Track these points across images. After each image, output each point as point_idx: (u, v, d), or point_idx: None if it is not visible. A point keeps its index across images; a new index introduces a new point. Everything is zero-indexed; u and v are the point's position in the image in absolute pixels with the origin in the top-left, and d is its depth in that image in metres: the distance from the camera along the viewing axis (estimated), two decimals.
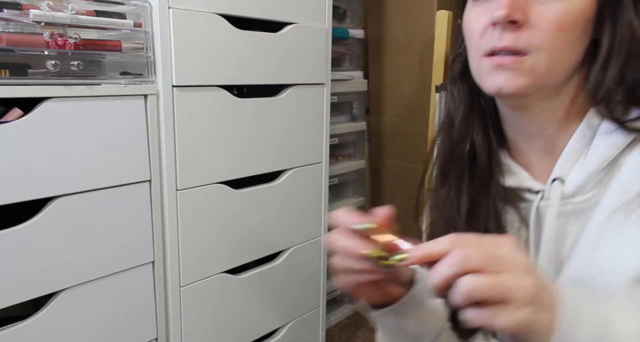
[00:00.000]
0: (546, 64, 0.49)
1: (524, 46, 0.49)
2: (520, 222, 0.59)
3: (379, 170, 1.74)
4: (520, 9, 0.48)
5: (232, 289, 1.06)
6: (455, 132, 0.60)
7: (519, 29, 0.48)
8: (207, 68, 0.94)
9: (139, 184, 0.87)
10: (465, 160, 0.59)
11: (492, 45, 0.50)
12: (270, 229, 1.13)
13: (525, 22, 0.48)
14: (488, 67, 0.51)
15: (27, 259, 0.74)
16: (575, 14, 0.48)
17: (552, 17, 0.48)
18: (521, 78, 0.49)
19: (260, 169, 1.09)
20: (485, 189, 0.59)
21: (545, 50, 0.48)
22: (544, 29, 0.48)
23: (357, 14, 1.61)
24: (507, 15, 0.47)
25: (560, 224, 0.53)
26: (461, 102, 0.60)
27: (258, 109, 1.05)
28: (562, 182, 0.53)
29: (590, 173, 0.51)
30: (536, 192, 0.56)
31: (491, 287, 0.37)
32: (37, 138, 0.73)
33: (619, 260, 0.49)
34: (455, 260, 0.38)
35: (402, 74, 1.61)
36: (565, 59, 0.50)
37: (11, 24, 0.70)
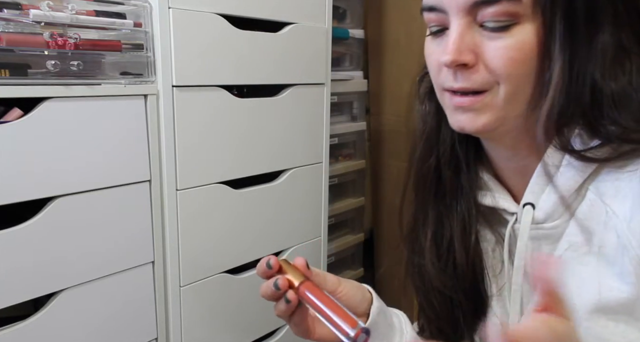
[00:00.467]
0: (504, 98, 0.48)
1: (480, 86, 0.48)
2: (497, 240, 0.59)
3: (379, 170, 1.74)
4: (468, 49, 0.47)
5: (232, 289, 1.06)
6: (419, 151, 0.60)
7: (472, 69, 0.48)
8: (207, 68, 0.94)
9: (139, 184, 0.87)
10: (430, 179, 0.59)
11: (449, 85, 0.50)
12: (270, 229, 1.13)
13: (477, 61, 0.47)
14: (449, 104, 0.51)
15: (27, 259, 0.74)
16: (526, 48, 0.46)
17: (502, 53, 0.46)
18: (482, 117, 0.49)
19: (260, 169, 1.09)
20: (453, 207, 0.59)
21: (502, 86, 0.47)
22: (497, 66, 0.47)
23: (357, 14, 1.61)
24: (453, 61, 0.47)
25: (533, 247, 0.53)
26: (427, 122, 0.60)
27: (258, 109, 1.05)
28: (534, 208, 0.52)
29: (557, 200, 0.50)
30: (512, 213, 0.55)
31: None
32: (37, 138, 0.73)
33: (578, 292, 0.48)
34: None
35: (402, 74, 1.60)
36: (524, 91, 0.48)
37: (11, 24, 0.70)
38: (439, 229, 0.60)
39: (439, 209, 0.60)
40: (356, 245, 1.68)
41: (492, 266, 0.59)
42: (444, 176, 0.59)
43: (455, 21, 0.47)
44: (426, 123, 0.60)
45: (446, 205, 0.59)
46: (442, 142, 0.59)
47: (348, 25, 1.57)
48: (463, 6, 0.47)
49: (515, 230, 0.55)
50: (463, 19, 0.47)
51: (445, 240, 0.59)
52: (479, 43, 0.47)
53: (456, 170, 0.59)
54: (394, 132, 1.67)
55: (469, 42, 0.47)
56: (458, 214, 0.59)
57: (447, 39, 0.48)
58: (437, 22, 0.50)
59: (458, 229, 0.59)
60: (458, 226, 0.59)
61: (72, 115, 0.76)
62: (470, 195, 0.58)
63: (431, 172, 0.59)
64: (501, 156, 0.56)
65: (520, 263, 0.53)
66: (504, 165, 0.57)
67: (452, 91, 0.50)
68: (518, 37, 0.46)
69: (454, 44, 0.47)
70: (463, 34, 0.47)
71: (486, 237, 0.60)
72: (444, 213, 0.60)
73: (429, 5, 0.50)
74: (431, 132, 0.59)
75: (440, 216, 0.60)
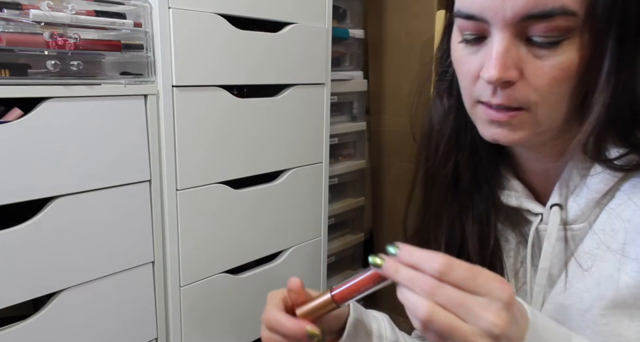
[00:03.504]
0: (544, 116, 0.46)
1: (521, 102, 0.45)
2: (518, 240, 0.57)
3: (379, 170, 1.74)
4: (512, 65, 0.44)
5: (232, 289, 1.06)
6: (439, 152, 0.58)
7: (514, 86, 0.45)
8: (207, 68, 0.94)
9: (139, 184, 0.87)
10: (448, 181, 0.57)
11: (486, 100, 0.47)
12: (270, 229, 1.13)
13: (520, 78, 0.45)
14: (482, 117, 0.49)
15: (27, 259, 0.74)
16: (572, 66, 0.44)
17: (547, 71, 0.44)
18: (518, 132, 0.47)
19: (260, 169, 1.09)
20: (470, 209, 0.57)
21: (543, 104, 0.45)
22: (540, 85, 0.44)
23: (357, 14, 1.61)
24: (498, 79, 0.44)
25: (559, 248, 0.52)
26: (446, 122, 0.57)
27: (258, 109, 1.05)
28: (561, 208, 0.51)
29: (589, 201, 0.49)
30: (536, 213, 0.54)
31: (445, 329, 0.37)
32: (37, 138, 0.73)
33: (597, 287, 0.48)
34: (425, 289, 0.37)
35: (402, 74, 1.61)
36: (564, 108, 0.46)
37: (11, 24, 0.70)
38: (452, 233, 0.58)
39: (455, 212, 0.58)
40: (356, 245, 1.68)
41: (512, 265, 0.58)
42: (462, 178, 0.57)
43: (500, 34, 0.44)
44: (446, 124, 0.57)
45: (462, 208, 0.58)
46: (463, 144, 0.56)
47: (348, 25, 1.57)
48: (512, 20, 0.43)
49: (539, 231, 0.54)
50: (509, 32, 0.44)
51: (456, 243, 0.58)
52: (523, 58, 0.44)
53: (476, 170, 0.57)
54: (394, 132, 1.67)
55: (513, 57, 0.44)
56: (475, 216, 0.57)
57: (488, 50, 0.45)
58: (475, 30, 0.46)
59: (474, 232, 0.57)
60: (475, 229, 0.57)
61: (72, 115, 0.76)
62: (490, 195, 0.57)
63: (450, 174, 0.57)
64: (528, 158, 0.55)
65: (545, 265, 0.52)
66: (530, 166, 0.56)
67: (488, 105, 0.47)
68: (566, 55, 0.43)
69: (500, 59, 0.44)
70: (509, 48, 0.44)
71: (507, 238, 0.58)
72: (459, 216, 0.58)
73: (467, 14, 0.46)
74: (451, 134, 0.57)
75: (455, 219, 0.58)
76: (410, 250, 0.40)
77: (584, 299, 0.49)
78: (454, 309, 0.37)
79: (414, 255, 0.40)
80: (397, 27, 1.60)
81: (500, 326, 0.36)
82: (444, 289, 0.37)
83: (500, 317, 0.36)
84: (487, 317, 0.36)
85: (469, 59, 0.48)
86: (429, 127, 0.59)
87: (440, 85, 0.58)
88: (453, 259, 0.39)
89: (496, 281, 0.38)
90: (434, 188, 0.59)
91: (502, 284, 0.38)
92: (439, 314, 0.37)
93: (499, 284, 0.38)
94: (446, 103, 0.57)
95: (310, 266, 1.28)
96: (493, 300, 0.37)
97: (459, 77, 0.51)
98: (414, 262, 0.39)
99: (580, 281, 0.50)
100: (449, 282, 0.38)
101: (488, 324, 0.36)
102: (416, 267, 0.39)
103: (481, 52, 0.47)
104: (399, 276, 0.39)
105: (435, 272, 0.38)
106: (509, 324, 0.37)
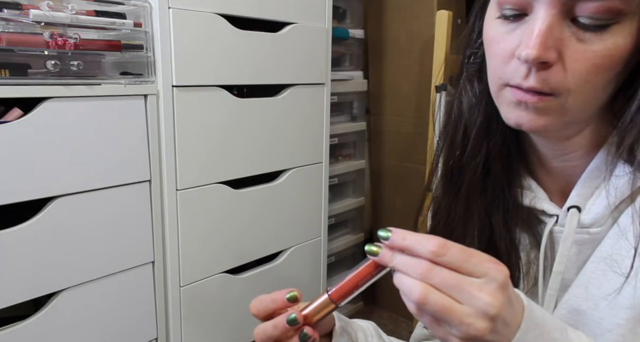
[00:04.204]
0: (575, 106, 0.43)
1: (553, 88, 0.42)
2: (531, 242, 0.55)
3: (379, 170, 1.74)
4: (553, 45, 0.41)
5: (232, 289, 1.06)
6: (469, 141, 0.54)
7: (550, 69, 0.42)
8: (207, 68, 0.94)
9: (139, 184, 0.87)
10: (479, 173, 0.54)
11: (517, 83, 0.44)
12: (270, 229, 1.13)
13: (558, 61, 0.41)
14: (509, 99, 0.45)
15: (27, 259, 0.74)
16: (617, 54, 0.41)
17: (589, 57, 0.41)
18: (544, 118, 0.44)
19: (260, 169, 1.09)
20: (496, 205, 0.54)
21: (576, 93, 0.42)
22: (578, 71, 0.41)
23: (357, 14, 1.61)
24: (537, 57, 0.40)
25: (574, 251, 0.50)
26: (478, 107, 0.53)
27: (258, 109, 1.05)
28: (579, 211, 0.49)
29: (609, 206, 0.47)
30: (550, 215, 0.52)
31: (440, 310, 0.36)
32: (37, 138, 0.73)
33: (614, 296, 0.46)
34: (420, 271, 0.37)
35: (402, 74, 1.61)
36: (598, 99, 0.44)
37: (11, 24, 0.70)
38: (483, 227, 0.55)
39: (485, 204, 0.55)
40: (356, 245, 1.68)
41: (523, 266, 0.56)
42: (493, 170, 0.54)
43: (546, 10, 0.41)
44: (477, 112, 0.53)
45: (493, 199, 0.55)
46: (495, 131, 0.53)
47: (348, 25, 1.58)
48: None
49: (554, 233, 0.52)
50: (556, 9, 0.40)
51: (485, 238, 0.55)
52: (565, 41, 0.41)
53: (507, 161, 0.54)
54: (394, 132, 1.67)
55: (556, 37, 0.41)
56: (501, 212, 0.55)
57: (529, 28, 0.42)
58: (517, 5, 0.43)
59: (502, 228, 0.55)
60: (502, 224, 0.55)
61: (72, 115, 0.76)
62: (511, 193, 0.55)
63: (480, 165, 0.54)
64: (547, 154, 0.52)
65: (559, 268, 0.50)
66: (549, 164, 0.53)
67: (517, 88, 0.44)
68: (612, 41, 0.40)
69: (541, 37, 0.40)
70: (552, 27, 0.40)
71: (519, 238, 0.56)
72: (490, 208, 0.55)
73: None
74: (482, 123, 0.53)
75: (485, 213, 0.55)
76: (403, 233, 0.40)
77: (600, 305, 0.47)
78: (448, 291, 0.36)
79: (407, 238, 0.39)
80: (397, 27, 1.60)
81: (496, 306, 0.36)
82: (438, 271, 0.37)
83: (496, 297, 0.36)
84: (483, 298, 0.36)
85: (505, 37, 0.45)
86: (457, 114, 0.55)
87: (470, 68, 0.54)
88: (447, 241, 0.38)
89: (491, 262, 0.37)
90: (462, 179, 0.56)
91: (496, 265, 0.37)
92: (433, 295, 0.36)
93: (493, 264, 0.37)
94: (477, 88, 0.54)
95: (310, 266, 1.28)
96: (488, 281, 0.36)
97: (489, 57, 0.48)
98: (408, 245, 0.39)
99: (596, 286, 0.48)
100: (443, 263, 0.37)
101: (483, 304, 0.36)
102: (410, 250, 0.39)
103: (519, 30, 0.44)
104: (394, 262, 0.39)
105: (429, 254, 0.37)
106: (505, 305, 0.36)
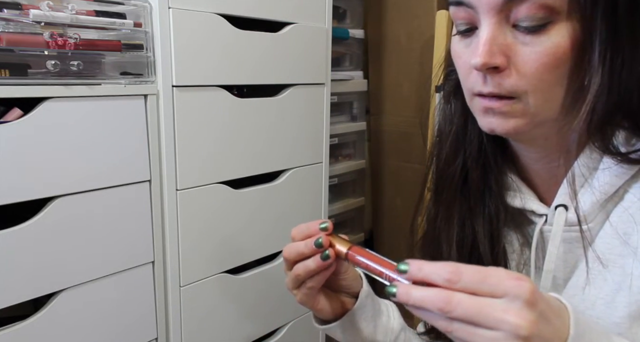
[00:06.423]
0: (536, 104, 0.45)
1: (510, 91, 0.45)
2: (521, 242, 0.57)
3: (379, 170, 1.74)
4: (500, 51, 0.44)
5: (232, 289, 1.06)
6: (445, 151, 0.58)
7: (502, 73, 0.45)
8: (207, 68, 0.94)
9: (139, 184, 0.87)
10: (456, 180, 0.57)
11: (478, 90, 0.47)
12: (270, 229, 1.13)
13: (508, 65, 0.45)
14: (478, 107, 0.49)
15: (27, 259, 0.74)
16: (560, 52, 0.43)
17: (535, 58, 0.44)
18: (512, 121, 0.47)
19: (260, 169, 1.09)
20: (479, 210, 0.56)
21: (534, 92, 0.45)
22: (529, 72, 0.44)
23: (357, 14, 1.61)
24: (484, 64, 0.44)
25: (564, 249, 0.51)
26: (452, 121, 0.57)
27: (258, 109, 1.05)
28: (567, 209, 0.50)
29: (594, 202, 0.48)
30: (540, 214, 0.53)
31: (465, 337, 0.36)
32: (37, 138, 0.73)
33: (612, 295, 0.47)
34: (439, 306, 0.36)
35: (402, 74, 1.61)
36: (556, 95, 0.46)
37: (11, 24, 0.70)
38: (464, 233, 0.57)
39: (464, 212, 0.57)
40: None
41: (514, 268, 0.57)
42: (470, 177, 0.56)
43: (486, 20, 0.44)
44: (452, 123, 0.57)
45: (472, 207, 0.57)
46: (469, 143, 0.56)
47: (348, 25, 1.58)
48: (494, 3, 0.43)
49: (544, 232, 0.53)
50: (494, 18, 0.44)
51: (468, 244, 0.57)
52: (511, 45, 0.44)
53: (484, 170, 0.56)
54: (394, 132, 1.67)
55: (501, 43, 0.44)
56: (485, 216, 0.56)
57: (477, 39, 0.46)
58: (465, 19, 0.47)
59: (485, 232, 0.56)
60: (485, 228, 0.56)
61: (72, 115, 0.76)
62: (498, 196, 0.56)
63: (458, 173, 0.57)
64: (531, 157, 0.54)
65: (550, 266, 0.51)
66: (533, 166, 0.55)
67: (482, 95, 0.47)
68: (553, 40, 0.43)
69: (485, 45, 0.44)
70: (495, 35, 0.44)
71: (510, 240, 0.58)
72: (469, 216, 0.57)
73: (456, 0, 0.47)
74: (458, 132, 0.57)
75: (465, 219, 0.57)
76: (420, 264, 0.39)
77: (597, 305, 0.48)
78: (473, 320, 0.35)
79: (424, 268, 0.39)
80: (397, 27, 1.60)
81: (525, 326, 0.34)
82: (457, 301, 0.36)
83: (523, 317, 0.34)
84: (509, 320, 0.34)
85: (465, 51, 0.48)
86: (439, 127, 0.59)
87: (448, 84, 0.58)
88: (460, 265, 0.37)
89: (510, 279, 0.36)
90: (443, 187, 0.59)
91: (517, 281, 0.36)
92: (459, 332, 0.36)
93: (514, 281, 0.36)
94: (452, 102, 0.57)
95: None
96: (511, 300, 0.35)
97: (458, 71, 0.51)
98: (424, 276, 0.38)
99: (591, 286, 0.49)
100: (460, 289, 0.36)
101: (512, 328, 0.34)
102: (427, 281, 0.38)
103: (473, 42, 0.47)
104: (412, 301, 0.38)
105: (445, 283, 0.37)
106: (536, 323, 0.34)
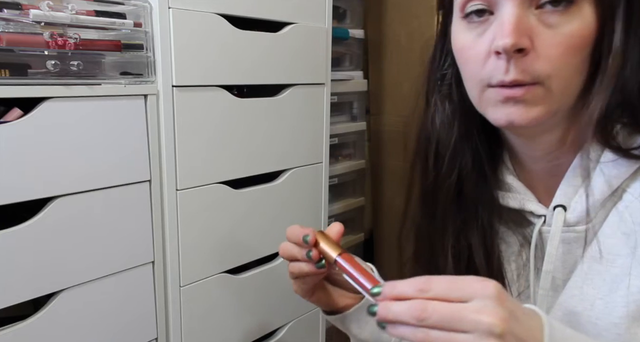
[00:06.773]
0: (559, 89, 0.44)
1: (534, 76, 0.44)
2: (521, 243, 0.56)
3: (379, 170, 1.74)
4: (525, 33, 0.43)
5: (232, 289, 1.06)
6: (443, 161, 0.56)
7: (526, 58, 0.43)
8: (207, 68, 0.94)
9: (139, 184, 0.87)
10: (452, 194, 0.56)
11: (499, 80, 0.45)
12: (270, 229, 1.13)
13: (532, 48, 0.43)
14: (495, 99, 0.46)
15: (27, 259, 0.74)
16: (585, 35, 0.43)
17: (560, 41, 0.43)
18: (534, 109, 0.45)
19: (260, 169, 1.09)
20: (473, 217, 0.56)
21: (558, 77, 0.44)
22: (554, 56, 0.43)
23: (357, 14, 1.61)
24: (513, 45, 0.42)
25: (562, 250, 0.51)
26: (451, 128, 0.55)
27: (258, 109, 1.05)
28: (565, 210, 0.50)
29: (593, 203, 0.48)
30: (538, 215, 0.53)
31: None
32: (37, 138, 0.73)
33: (609, 294, 0.47)
34: (415, 315, 0.37)
35: (402, 74, 1.61)
36: (576, 81, 0.45)
37: (11, 24, 0.70)
38: (459, 245, 0.57)
39: (459, 223, 0.57)
40: (356, 245, 1.68)
41: (514, 269, 0.57)
42: (466, 187, 0.56)
43: (511, 2, 0.43)
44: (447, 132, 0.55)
45: (467, 218, 0.56)
46: (466, 150, 0.55)
47: (348, 25, 1.57)
48: None
49: (542, 233, 0.53)
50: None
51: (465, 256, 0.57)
52: (534, 28, 0.43)
53: (478, 178, 0.55)
54: (394, 132, 1.67)
55: (526, 26, 0.43)
56: (479, 227, 0.56)
57: (499, 23, 0.44)
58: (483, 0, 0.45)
59: (480, 243, 0.56)
60: (480, 239, 0.56)
61: (72, 115, 0.76)
62: (493, 199, 0.56)
63: (453, 186, 0.56)
64: (530, 156, 0.54)
65: (549, 267, 0.51)
66: (532, 166, 0.54)
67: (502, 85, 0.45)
68: (578, 21, 0.42)
69: (513, 25, 0.42)
70: (521, 17, 0.42)
71: (508, 241, 0.57)
72: (464, 227, 0.57)
73: None
74: (456, 141, 0.55)
75: (460, 231, 0.57)
76: (393, 284, 0.40)
77: (596, 305, 0.48)
78: (448, 325, 0.36)
79: (397, 286, 0.39)
80: (397, 27, 1.60)
81: (498, 324, 0.35)
82: (431, 309, 0.37)
83: (494, 315, 0.35)
84: (482, 320, 0.35)
85: (477, 40, 0.47)
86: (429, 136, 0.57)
87: (441, 90, 0.57)
88: (430, 276, 0.38)
89: (476, 282, 0.37)
90: (437, 200, 0.57)
91: (482, 282, 0.37)
92: (436, 338, 0.36)
93: (479, 283, 0.37)
94: (448, 110, 0.56)
95: None
96: (481, 300, 0.36)
97: (464, 66, 0.49)
98: (399, 293, 0.39)
99: (590, 286, 0.48)
100: (432, 297, 0.37)
101: (485, 326, 0.35)
102: (402, 296, 0.39)
103: (489, 30, 0.45)
104: (391, 315, 0.39)
105: (418, 293, 0.38)
106: (507, 320, 0.36)
